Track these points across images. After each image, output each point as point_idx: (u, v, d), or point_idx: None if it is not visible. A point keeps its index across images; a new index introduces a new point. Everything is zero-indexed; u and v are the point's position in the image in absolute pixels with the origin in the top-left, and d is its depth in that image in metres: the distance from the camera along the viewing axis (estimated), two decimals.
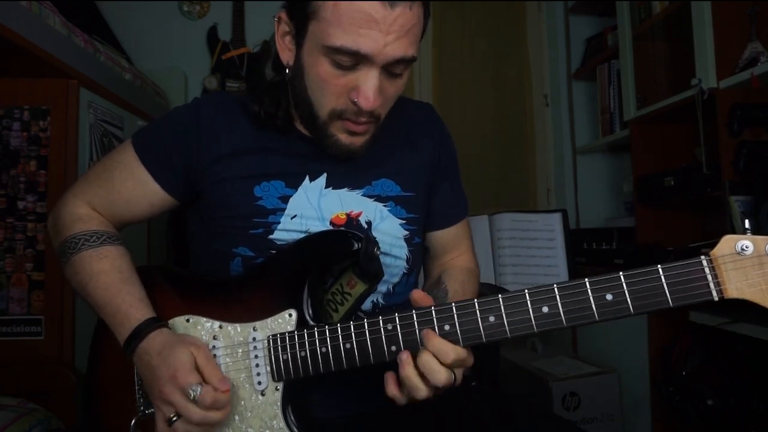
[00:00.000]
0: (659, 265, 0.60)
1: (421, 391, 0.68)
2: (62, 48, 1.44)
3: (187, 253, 1.01)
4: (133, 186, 0.89)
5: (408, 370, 0.68)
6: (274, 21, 0.84)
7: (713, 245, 0.60)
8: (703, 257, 0.59)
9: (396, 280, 0.92)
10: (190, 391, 0.69)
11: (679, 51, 1.98)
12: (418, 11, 0.76)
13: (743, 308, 1.54)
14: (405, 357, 0.69)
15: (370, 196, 0.90)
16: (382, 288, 0.90)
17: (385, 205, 0.90)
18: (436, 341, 0.67)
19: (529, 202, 2.89)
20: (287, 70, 0.85)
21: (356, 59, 0.75)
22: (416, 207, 0.94)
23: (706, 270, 0.59)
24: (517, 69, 2.92)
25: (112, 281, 0.81)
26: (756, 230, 0.53)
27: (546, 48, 2.95)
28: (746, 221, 0.60)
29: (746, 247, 0.58)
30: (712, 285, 0.59)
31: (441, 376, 0.67)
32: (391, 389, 0.71)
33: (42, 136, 1.41)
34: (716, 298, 0.59)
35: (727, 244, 0.59)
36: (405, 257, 0.92)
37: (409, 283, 0.95)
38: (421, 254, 1.00)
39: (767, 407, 1.50)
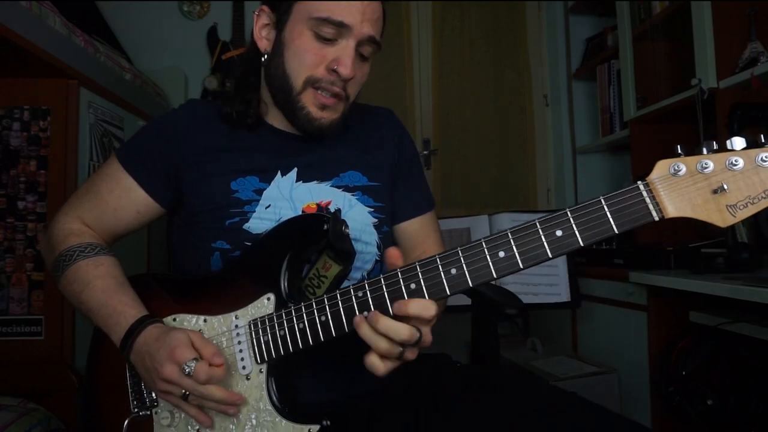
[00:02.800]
0: (601, 196, 0.63)
1: (382, 344, 0.69)
2: (62, 48, 1.44)
3: None
4: (119, 195, 0.94)
5: (363, 330, 0.70)
6: (254, 15, 0.93)
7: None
8: (639, 182, 0.62)
9: (369, 267, 0.96)
10: (185, 367, 0.72)
11: (679, 51, 1.98)
12: (380, 7, 0.90)
13: (743, 308, 1.55)
14: (358, 319, 0.71)
15: (338, 187, 0.95)
16: (356, 275, 0.93)
17: (353, 194, 0.95)
18: (384, 323, 0.69)
19: (529, 202, 2.89)
20: (263, 58, 0.93)
21: (338, 32, 0.85)
22: (383, 197, 0.99)
23: (644, 194, 0.61)
24: (517, 69, 2.93)
25: (108, 285, 0.85)
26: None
27: (546, 48, 2.95)
28: (678, 146, 0.61)
29: (678, 167, 0.60)
30: (651, 207, 0.61)
31: (402, 332, 0.68)
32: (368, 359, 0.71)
33: (42, 136, 1.41)
34: (656, 218, 0.61)
35: (661, 168, 0.61)
36: (375, 243, 0.96)
37: (383, 272, 0.95)
38: (391, 244, 1.02)
39: (767, 407, 1.50)
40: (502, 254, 0.67)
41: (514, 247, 0.66)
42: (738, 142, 0.58)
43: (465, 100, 2.87)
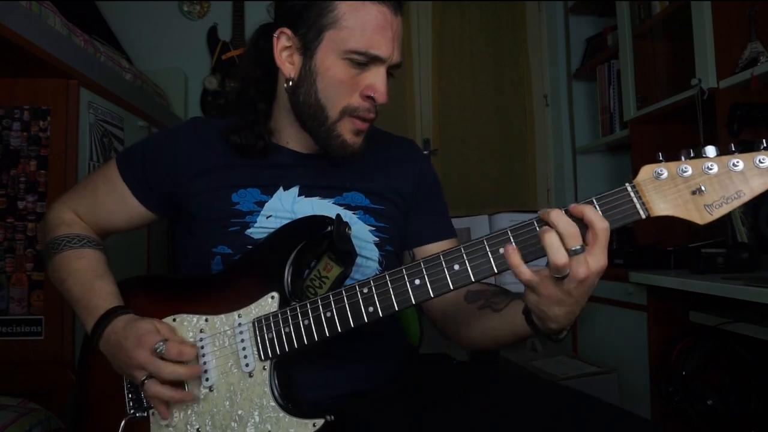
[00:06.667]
0: (593, 197, 0.69)
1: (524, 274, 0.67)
2: (62, 48, 1.44)
3: None
4: (114, 199, 0.97)
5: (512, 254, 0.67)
6: (274, 38, 0.89)
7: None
8: (627, 184, 0.69)
9: None
10: (157, 346, 0.76)
11: (679, 51, 1.98)
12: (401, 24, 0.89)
13: (743, 308, 1.55)
14: (510, 249, 0.67)
15: (340, 205, 0.95)
16: None
17: (354, 213, 0.95)
18: (557, 215, 0.66)
19: (529, 202, 2.89)
20: (289, 83, 0.89)
21: (371, 60, 0.85)
22: (386, 219, 0.98)
23: (632, 194, 0.68)
24: (517, 69, 2.92)
25: (87, 278, 0.89)
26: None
27: (546, 48, 2.95)
28: (659, 154, 0.68)
29: (660, 171, 0.67)
30: (638, 206, 0.67)
31: (570, 228, 0.65)
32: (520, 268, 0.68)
33: (42, 136, 1.41)
34: (643, 216, 0.68)
35: (646, 171, 0.68)
36: (377, 259, 0.96)
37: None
38: (396, 263, 1.01)
39: (767, 407, 1.50)
40: (502, 251, 0.69)
41: (513, 243, 0.69)
42: (710, 151, 0.66)
43: (465, 100, 2.87)
